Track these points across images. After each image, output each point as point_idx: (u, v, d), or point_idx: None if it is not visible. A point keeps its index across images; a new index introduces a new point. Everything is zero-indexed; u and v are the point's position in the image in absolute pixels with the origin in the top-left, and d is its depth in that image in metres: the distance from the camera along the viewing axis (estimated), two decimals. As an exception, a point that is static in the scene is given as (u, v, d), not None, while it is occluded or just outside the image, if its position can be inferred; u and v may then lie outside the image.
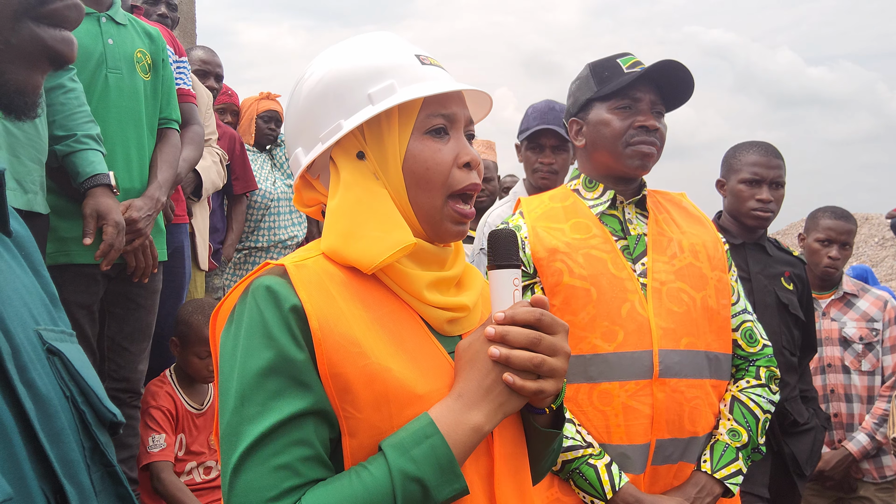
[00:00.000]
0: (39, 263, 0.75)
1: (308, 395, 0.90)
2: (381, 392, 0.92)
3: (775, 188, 2.51)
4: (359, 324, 0.94)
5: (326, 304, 0.93)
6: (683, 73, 1.73)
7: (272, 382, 0.90)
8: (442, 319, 1.02)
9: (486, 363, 0.95)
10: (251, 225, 3.80)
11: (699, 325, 1.69)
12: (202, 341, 2.61)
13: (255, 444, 0.88)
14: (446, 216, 1.02)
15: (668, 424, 1.62)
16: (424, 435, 0.90)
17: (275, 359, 0.90)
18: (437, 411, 0.92)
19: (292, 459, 0.88)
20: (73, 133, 2.20)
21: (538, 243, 1.71)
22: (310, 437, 0.89)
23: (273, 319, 0.91)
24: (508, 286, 0.99)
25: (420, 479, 0.87)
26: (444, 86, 1.01)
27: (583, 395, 1.65)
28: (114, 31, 2.46)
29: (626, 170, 1.76)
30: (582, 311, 1.65)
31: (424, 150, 1.01)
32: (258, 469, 0.87)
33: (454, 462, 0.89)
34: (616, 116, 1.75)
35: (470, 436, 0.91)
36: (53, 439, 0.62)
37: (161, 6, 3.46)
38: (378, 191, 1.00)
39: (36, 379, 0.63)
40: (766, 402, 1.76)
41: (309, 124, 1.04)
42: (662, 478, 1.65)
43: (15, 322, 0.64)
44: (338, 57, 1.05)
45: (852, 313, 3.09)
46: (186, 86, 2.95)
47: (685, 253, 1.75)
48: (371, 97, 1.00)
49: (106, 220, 2.17)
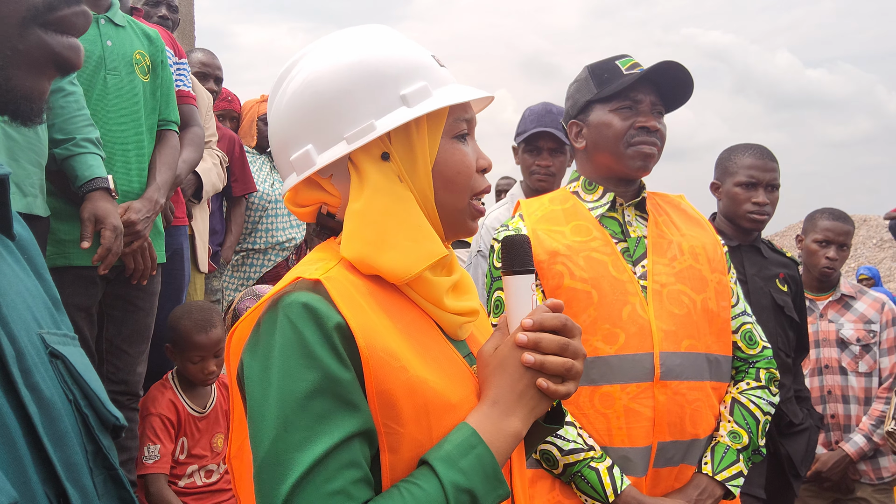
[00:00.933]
0: (42, 267, 0.76)
1: (357, 415, 0.87)
2: (422, 404, 0.91)
3: (770, 191, 2.52)
4: (392, 336, 0.93)
5: (364, 318, 0.91)
6: (683, 73, 1.74)
7: (318, 405, 0.86)
8: (456, 325, 1.02)
9: (517, 368, 0.95)
10: (249, 227, 3.80)
11: (700, 327, 1.69)
12: (193, 347, 2.60)
13: (308, 473, 0.84)
14: (468, 215, 1.04)
15: (669, 427, 1.63)
16: (470, 445, 0.90)
17: (320, 380, 0.86)
18: (476, 420, 0.93)
19: (345, 484, 0.85)
20: (72, 136, 2.20)
21: (539, 246, 1.71)
22: (358, 459, 0.87)
23: (314, 338, 0.87)
24: (527, 291, 1.01)
25: (470, 490, 0.88)
26: (474, 92, 1.02)
27: (584, 398, 1.65)
28: (112, 33, 2.46)
29: (627, 171, 1.77)
30: (583, 314, 1.65)
31: (455, 154, 1.01)
32: (312, 497, 0.84)
33: (499, 470, 0.90)
34: (617, 117, 1.76)
35: (510, 442, 0.93)
36: (57, 443, 0.62)
37: (162, 8, 3.46)
38: (405, 195, 0.98)
39: (40, 382, 0.63)
40: (766, 404, 1.76)
41: (326, 120, 0.98)
42: (664, 480, 1.65)
43: (19, 325, 0.64)
44: (351, 49, 0.99)
45: (850, 315, 3.10)
46: (186, 87, 2.95)
47: (685, 255, 1.75)
48: (406, 98, 0.97)
49: (104, 223, 2.16)
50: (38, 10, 0.59)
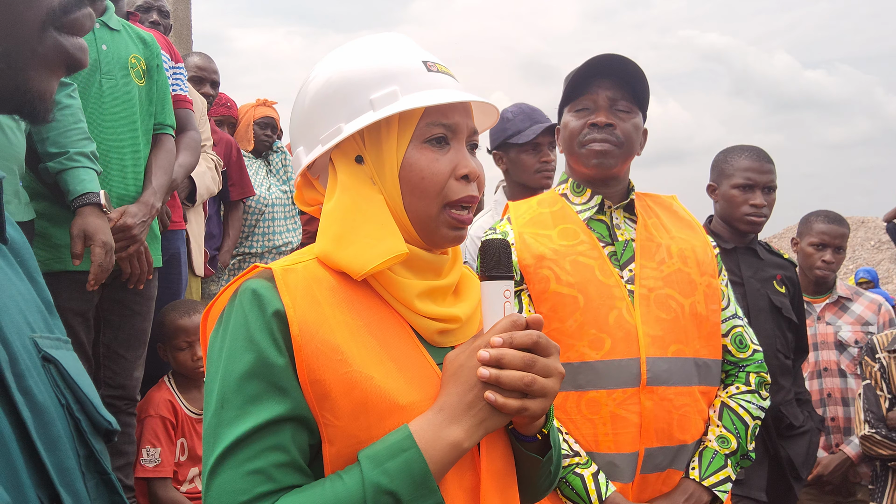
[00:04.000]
0: (35, 270, 0.75)
1: (286, 400, 0.90)
2: (361, 401, 0.91)
3: (767, 192, 2.51)
4: (343, 330, 0.94)
5: (311, 309, 0.93)
6: (631, 65, 1.71)
7: (251, 386, 0.90)
8: (432, 330, 1.00)
9: (469, 378, 0.93)
10: (246, 231, 3.81)
11: (688, 331, 1.68)
12: (178, 331, 2.64)
13: (231, 448, 0.88)
14: (442, 223, 1.01)
15: (656, 433, 1.61)
16: (401, 448, 0.89)
17: (255, 363, 0.90)
18: (417, 424, 0.91)
19: (267, 465, 0.88)
20: (65, 150, 2.18)
21: (525, 250, 1.70)
22: (286, 443, 0.89)
23: (256, 323, 0.91)
24: (499, 298, 0.98)
25: (393, 493, 0.87)
26: (446, 96, 1.00)
27: (571, 404, 1.64)
28: (108, 37, 2.46)
29: (586, 170, 1.76)
30: (569, 319, 1.64)
31: (421, 160, 1.00)
32: (232, 473, 0.88)
33: (429, 477, 0.88)
34: (574, 118, 1.76)
35: (448, 452, 0.90)
36: (50, 447, 0.62)
37: (153, 13, 3.46)
38: (374, 196, 1.00)
39: (33, 387, 0.63)
40: (755, 409, 1.74)
41: (311, 125, 1.04)
42: (651, 486, 1.64)
43: (11, 330, 0.64)
44: (345, 58, 1.04)
45: (847, 317, 3.10)
46: (183, 92, 2.95)
47: (674, 258, 1.73)
48: (373, 103, 0.99)
49: (93, 240, 2.14)
50: (55, 13, 0.60)
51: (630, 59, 1.71)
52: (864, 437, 2.80)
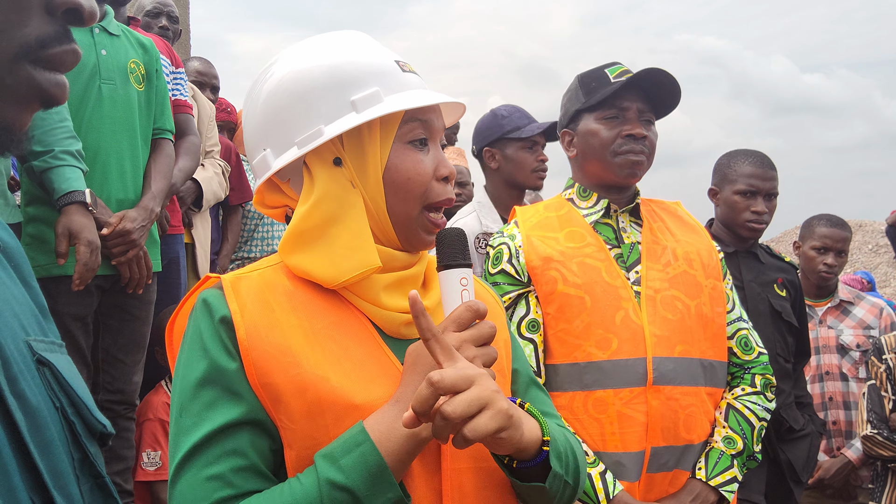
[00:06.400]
0: (29, 274, 0.75)
1: (241, 404, 0.90)
2: (315, 402, 0.90)
3: (769, 199, 2.51)
4: (297, 333, 0.93)
5: (262, 314, 0.93)
6: (668, 79, 1.74)
7: (206, 393, 0.90)
8: (398, 322, 0.99)
9: (426, 368, 0.90)
10: (245, 235, 3.80)
11: (693, 332, 1.69)
12: None
13: (190, 454, 0.88)
14: (420, 225, 1.01)
15: (663, 432, 1.62)
16: (355, 443, 0.87)
17: (208, 369, 0.91)
18: (373, 419, 0.89)
19: (225, 470, 0.88)
20: (50, 149, 2.17)
21: (532, 252, 1.72)
22: (244, 448, 0.89)
23: (207, 331, 0.92)
24: (456, 286, 0.96)
25: (349, 489, 0.84)
26: (428, 98, 0.99)
27: (578, 403, 1.65)
28: (107, 42, 2.46)
29: (616, 179, 1.78)
30: (576, 319, 1.65)
31: (406, 161, 0.99)
32: (191, 479, 0.88)
33: (386, 470, 0.85)
34: (604, 126, 1.77)
35: (404, 442, 0.87)
36: (43, 450, 0.62)
37: (162, 18, 3.46)
38: (353, 201, 0.98)
39: (26, 390, 0.63)
40: (761, 410, 1.76)
41: (281, 125, 1.00)
42: (657, 485, 1.64)
43: (5, 333, 0.64)
44: (310, 57, 1.01)
45: (849, 321, 3.10)
46: (183, 97, 2.95)
47: (679, 261, 1.75)
48: (355, 104, 0.97)
49: (78, 239, 2.12)
50: (30, 46, 0.59)
51: (673, 76, 1.73)
52: (865, 437, 2.80)
